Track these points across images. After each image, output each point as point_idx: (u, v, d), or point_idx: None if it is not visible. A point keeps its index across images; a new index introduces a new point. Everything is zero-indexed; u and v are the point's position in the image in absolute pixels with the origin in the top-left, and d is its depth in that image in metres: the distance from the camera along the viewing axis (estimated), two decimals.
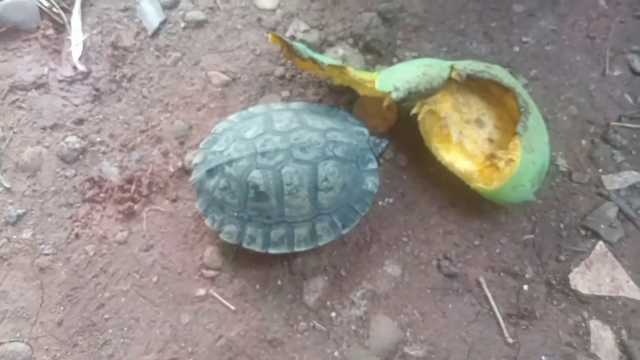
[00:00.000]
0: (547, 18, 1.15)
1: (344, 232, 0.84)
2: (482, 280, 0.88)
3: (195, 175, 0.86)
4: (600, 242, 0.90)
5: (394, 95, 0.86)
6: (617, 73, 1.07)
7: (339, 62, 0.96)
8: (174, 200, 0.94)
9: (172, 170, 0.97)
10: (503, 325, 0.84)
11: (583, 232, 0.92)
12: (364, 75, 0.92)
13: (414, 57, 1.08)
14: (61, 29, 1.13)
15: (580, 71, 1.08)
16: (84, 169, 0.97)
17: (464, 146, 0.91)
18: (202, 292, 0.87)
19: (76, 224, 0.92)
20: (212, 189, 0.84)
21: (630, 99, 1.04)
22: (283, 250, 0.83)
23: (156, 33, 1.12)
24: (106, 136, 1.00)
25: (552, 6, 1.17)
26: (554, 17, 1.15)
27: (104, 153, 0.99)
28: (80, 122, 1.02)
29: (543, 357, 0.83)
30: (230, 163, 0.82)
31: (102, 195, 0.95)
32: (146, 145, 0.99)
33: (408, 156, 0.98)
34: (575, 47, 1.11)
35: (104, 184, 0.95)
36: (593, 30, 1.13)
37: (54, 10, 1.14)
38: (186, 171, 0.96)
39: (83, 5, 1.15)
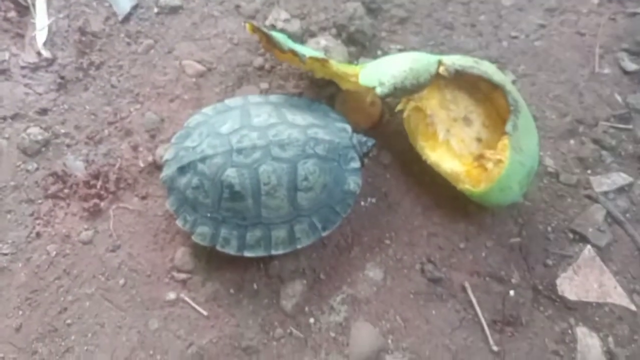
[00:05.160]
0: (536, 12, 1.12)
1: (324, 234, 0.80)
2: (466, 284, 0.84)
3: (166, 172, 0.81)
4: (588, 246, 0.88)
5: (379, 91, 0.82)
6: (606, 71, 1.05)
7: (320, 55, 0.91)
8: (144, 197, 0.89)
9: (141, 165, 0.91)
10: (488, 332, 0.81)
11: (570, 236, 0.89)
12: (347, 69, 0.87)
13: (399, 50, 1.04)
14: (24, 11, 1.06)
15: (569, 68, 1.05)
16: (47, 163, 0.91)
17: (450, 145, 0.87)
18: (172, 295, 0.82)
19: (37, 221, 0.86)
20: (183, 187, 0.78)
21: (619, 99, 1.01)
22: (259, 253, 0.79)
23: (127, 18, 1.06)
24: (71, 127, 0.94)
25: (541, 0, 1.13)
26: (543, 11, 1.12)
27: (69, 145, 0.93)
28: (44, 111, 0.95)
29: None
30: (203, 160, 0.77)
31: (66, 190, 0.89)
32: (114, 137, 0.94)
33: (391, 154, 0.94)
34: (564, 43, 1.08)
35: (68, 179, 0.89)
36: (583, 26, 1.10)
37: None
38: (157, 166, 0.91)
39: None
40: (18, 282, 0.82)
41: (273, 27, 1.04)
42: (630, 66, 1.05)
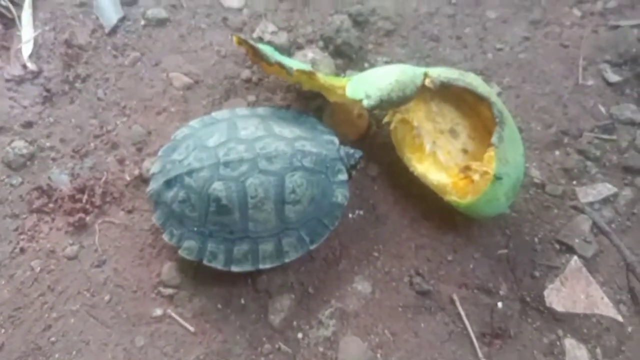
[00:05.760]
0: (520, 25, 1.13)
1: (312, 247, 0.80)
2: (455, 297, 0.84)
3: (153, 186, 0.80)
4: (575, 257, 0.88)
5: (365, 103, 0.82)
6: (590, 82, 1.06)
7: (307, 67, 0.91)
8: (130, 211, 0.88)
9: (128, 178, 0.90)
10: (476, 344, 0.81)
11: (557, 246, 0.90)
12: (334, 81, 0.88)
13: (386, 62, 1.05)
14: (10, 23, 1.05)
15: (554, 80, 1.06)
16: (32, 177, 0.90)
17: (437, 157, 0.87)
18: (158, 311, 0.81)
19: (21, 236, 0.85)
20: (170, 200, 0.78)
21: (603, 110, 1.03)
22: (247, 267, 0.78)
23: (114, 30, 1.05)
24: (56, 141, 0.93)
25: (525, 13, 1.15)
26: (527, 23, 1.13)
27: (54, 159, 0.92)
28: (29, 125, 0.94)
29: None
30: (190, 173, 0.77)
31: (51, 205, 0.87)
32: (100, 151, 0.93)
33: (379, 166, 0.94)
34: (548, 55, 1.09)
35: (53, 193, 0.88)
36: (566, 38, 1.11)
37: (2, 3, 1.06)
38: (143, 180, 0.90)
39: None
40: (1, 299, 0.81)
41: (260, 39, 1.05)
42: (613, 77, 1.06)
